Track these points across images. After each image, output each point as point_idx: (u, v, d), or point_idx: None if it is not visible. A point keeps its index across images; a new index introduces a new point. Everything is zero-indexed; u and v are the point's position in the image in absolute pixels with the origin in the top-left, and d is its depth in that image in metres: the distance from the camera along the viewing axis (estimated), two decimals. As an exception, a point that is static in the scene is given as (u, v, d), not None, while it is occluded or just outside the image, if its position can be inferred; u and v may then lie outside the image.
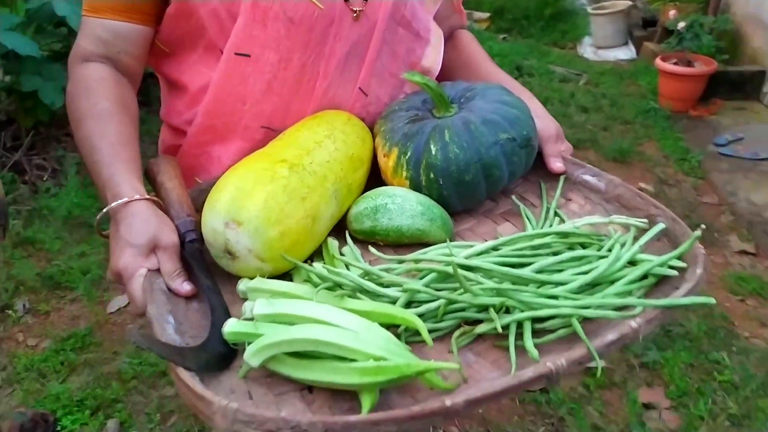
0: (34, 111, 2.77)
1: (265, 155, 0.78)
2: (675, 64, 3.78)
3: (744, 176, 3.08)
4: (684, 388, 1.88)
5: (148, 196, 0.73)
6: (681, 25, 3.76)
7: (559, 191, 0.87)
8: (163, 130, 1.00)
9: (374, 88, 0.94)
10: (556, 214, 0.85)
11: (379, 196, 0.82)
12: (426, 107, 0.90)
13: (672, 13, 4.05)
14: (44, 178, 2.71)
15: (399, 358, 0.56)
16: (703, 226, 0.69)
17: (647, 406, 1.84)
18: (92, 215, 2.48)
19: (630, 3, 5.09)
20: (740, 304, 2.26)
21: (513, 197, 0.89)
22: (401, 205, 0.80)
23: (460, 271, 0.64)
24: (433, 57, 1.00)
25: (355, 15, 0.87)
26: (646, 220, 0.75)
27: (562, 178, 0.89)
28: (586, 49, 5.07)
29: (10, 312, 2.04)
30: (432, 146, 0.81)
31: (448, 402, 0.51)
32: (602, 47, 5.00)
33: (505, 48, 4.49)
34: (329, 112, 0.90)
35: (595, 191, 0.87)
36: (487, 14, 5.30)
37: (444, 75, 1.03)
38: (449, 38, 1.09)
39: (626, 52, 4.90)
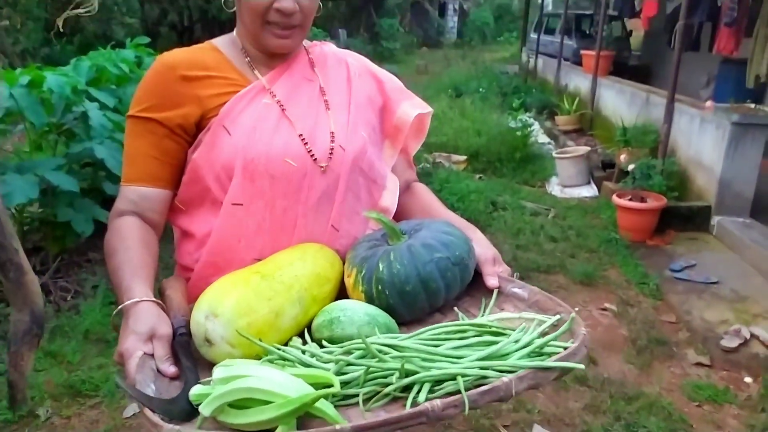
0: (62, 239, 3.12)
1: (246, 270, 1.01)
2: (630, 200, 4.28)
3: (698, 297, 3.43)
4: (649, 483, 2.08)
5: (153, 299, 0.93)
6: (631, 166, 4.32)
7: (492, 302, 1.05)
8: (176, 268, 1.21)
9: (344, 224, 1.16)
10: None
11: (333, 310, 0.98)
12: (384, 239, 1.10)
13: (623, 156, 4.64)
14: (67, 299, 2.97)
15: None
16: (577, 309, 0.97)
17: (616, 499, 2.03)
18: (109, 331, 2.74)
19: (589, 148, 5.76)
20: (697, 409, 2.50)
21: (455, 308, 1.06)
22: (350, 317, 0.96)
23: (376, 347, 0.83)
24: (389, 199, 1.25)
25: (322, 169, 1.11)
26: (553, 316, 0.94)
27: (495, 292, 1.07)
28: (554, 188, 5.64)
29: (36, 417, 2.23)
30: (380, 264, 1.02)
31: (338, 427, 0.69)
32: (568, 186, 5.57)
33: (481, 186, 5.01)
34: (307, 243, 1.11)
35: (521, 300, 1.05)
36: (464, 157, 5.91)
37: (406, 218, 1.26)
38: (407, 189, 1.33)
39: (589, 191, 5.47)
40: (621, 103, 6.79)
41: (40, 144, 3.28)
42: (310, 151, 1.11)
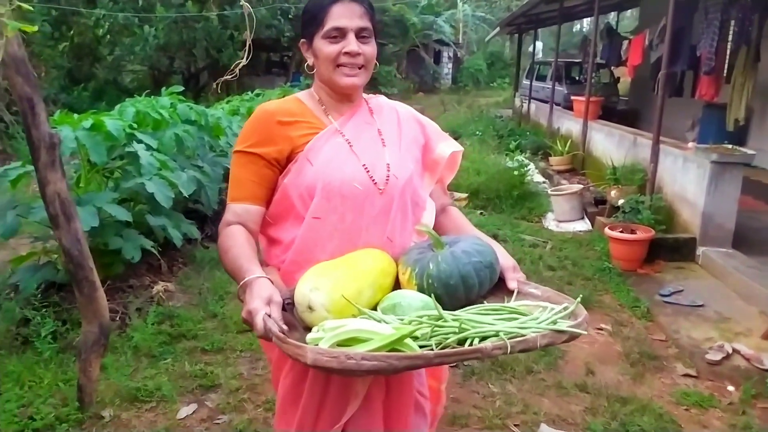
0: (110, 266, 3.44)
1: (334, 261, 1.35)
2: (621, 232, 4.65)
3: (685, 319, 3.76)
4: (643, 471, 2.37)
5: (268, 277, 1.23)
6: (621, 202, 4.70)
7: (513, 298, 1.35)
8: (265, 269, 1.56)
9: (396, 236, 1.46)
10: None
11: (395, 297, 1.29)
12: (429, 248, 1.40)
13: (613, 193, 5.03)
14: (114, 320, 3.28)
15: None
16: (581, 296, 1.29)
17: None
18: (156, 348, 3.05)
19: (582, 186, 6.16)
20: (686, 412, 2.81)
21: (484, 302, 1.34)
22: (410, 303, 1.26)
23: (443, 312, 1.17)
24: (428, 217, 1.56)
25: (380, 192, 1.42)
26: (564, 305, 1.26)
27: (515, 292, 1.37)
28: (550, 223, 6.02)
29: (101, 418, 2.51)
30: (431, 264, 1.32)
31: (425, 352, 1.07)
32: (563, 221, 5.95)
33: (482, 221, 5.39)
34: (369, 248, 1.41)
35: (536, 297, 1.35)
36: (465, 194, 6.31)
37: (441, 233, 1.51)
38: (443, 211, 1.63)
39: (583, 225, 5.84)
40: (610, 144, 7.25)
41: (89, 180, 3.63)
42: (372, 177, 1.42)
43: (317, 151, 1.41)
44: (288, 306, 1.25)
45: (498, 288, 1.40)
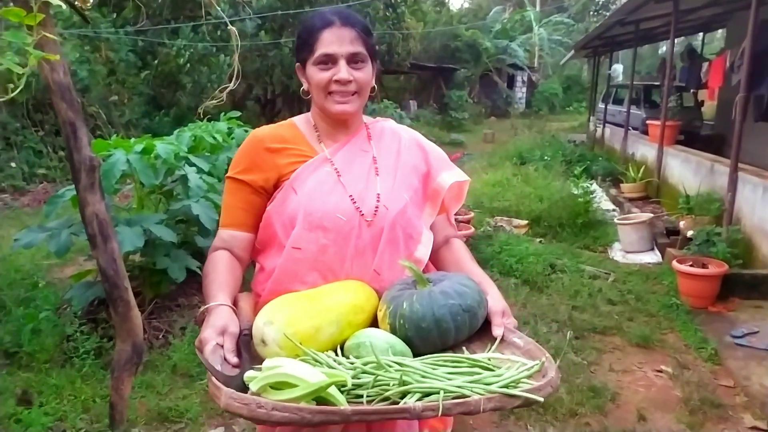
0: (158, 285, 3.54)
1: (300, 293, 1.28)
2: (690, 266, 4.32)
3: (758, 364, 3.41)
4: None
5: (230, 305, 1.21)
6: (690, 233, 4.37)
7: (494, 346, 1.22)
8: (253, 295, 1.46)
9: (385, 270, 1.37)
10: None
11: (361, 335, 1.19)
12: (414, 284, 1.29)
13: (683, 223, 4.69)
14: (159, 337, 3.36)
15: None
16: (547, 355, 1.11)
17: None
18: (194, 368, 3.08)
19: (651, 215, 5.80)
20: (750, 470, 2.52)
21: (464, 348, 1.23)
22: (374, 344, 1.16)
23: (385, 362, 1.05)
24: (423, 251, 1.44)
25: (368, 223, 1.35)
26: (537, 361, 1.11)
27: (498, 339, 1.23)
28: (616, 253, 5.69)
29: (130, 436, 2.56)
30: (404, 303, 1.22)
31: (341, 407, 0.93)
32: (630, 252, 5.61)
33: (540, 249, 5.16)
34: (351, 280, 1.34)
35: (517, 347, 1.21)
36: (526, 221, 6.09)
37: (440, 268, 1.47)
38: (446, 243, 1.53)
39: (652, 257, 5.48)
40: (686, 171, 6.83)
41: (143, 201, 3.77)
42: (359, 208, 1.36)
43: (303, 180, 1.38)
44: (245, 337, 1.19)
45: (485, 332, 1.28)
